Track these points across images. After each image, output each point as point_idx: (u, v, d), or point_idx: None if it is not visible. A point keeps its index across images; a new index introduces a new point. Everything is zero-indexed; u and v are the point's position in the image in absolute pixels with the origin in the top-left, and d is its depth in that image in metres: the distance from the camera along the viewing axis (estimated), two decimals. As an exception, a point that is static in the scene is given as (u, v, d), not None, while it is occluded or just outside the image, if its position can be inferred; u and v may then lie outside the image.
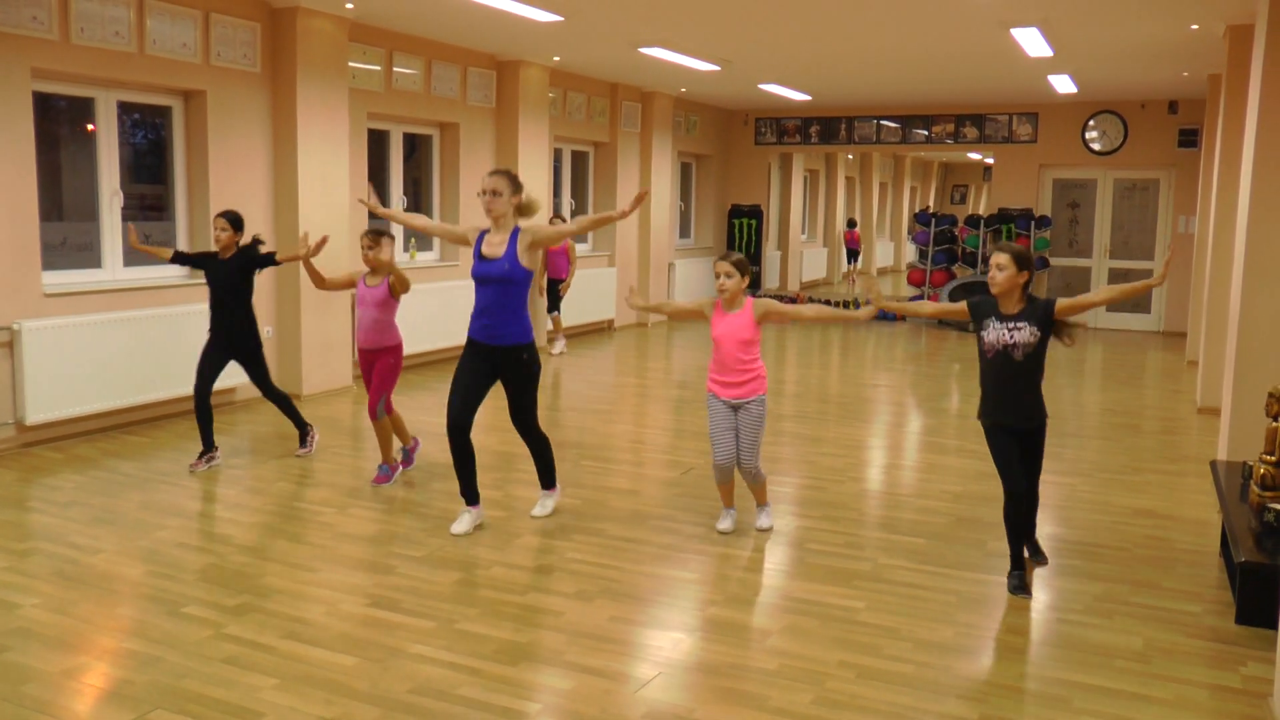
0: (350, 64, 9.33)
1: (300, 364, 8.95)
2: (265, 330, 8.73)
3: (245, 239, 6.70)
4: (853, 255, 24.05)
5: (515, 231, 5.32)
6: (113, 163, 7.83)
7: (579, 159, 13.76)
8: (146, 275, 8.06)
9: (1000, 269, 4.62)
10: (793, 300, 16.80)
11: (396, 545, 5.25)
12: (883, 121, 16.15)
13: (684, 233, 16.66)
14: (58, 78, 7.35)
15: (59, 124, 7.91)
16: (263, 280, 8.01)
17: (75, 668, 3.87)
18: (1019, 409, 4.69)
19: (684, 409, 9.01)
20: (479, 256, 5.37)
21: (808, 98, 14.89)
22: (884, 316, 15.99)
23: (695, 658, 3.96)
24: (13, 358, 6.97)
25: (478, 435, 5.72)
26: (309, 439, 7.09)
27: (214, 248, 6.75)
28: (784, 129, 16.83)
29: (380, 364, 6.38)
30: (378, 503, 5.97)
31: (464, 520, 5.45)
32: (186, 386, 7.03)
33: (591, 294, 13.37)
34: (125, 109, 8.01)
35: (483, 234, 5.47)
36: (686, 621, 4.34)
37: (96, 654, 4.00)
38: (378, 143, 10.29)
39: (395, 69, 10.00)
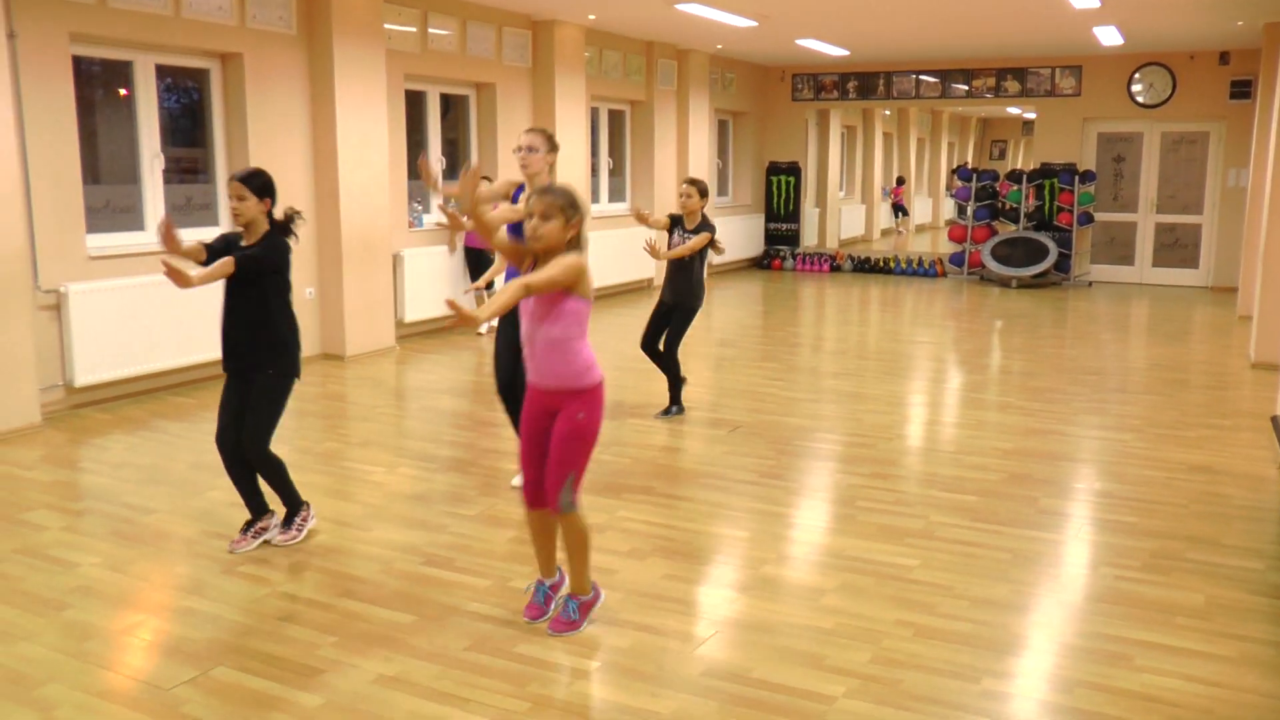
0: (386, 25, 9.27)
1: (343, 326, 8.97)
2: (306, 292, 8.76)
3: (279, 212, 4.62)
4: (899, 210, 23.92)
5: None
6: (152, 126, 7.84)
7: (616, 117, 13.65)
8: (190, 237, 8.06)
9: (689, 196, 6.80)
10: (832, 259, 16.68)
11: (447, 504, 5.27)
12: (921, 76, 15.90)
13: (722, 190, 16.54)
14: (96, 41, 7.36)
15: (96, 88, 7.92)
16: (302, 241, 8.02)
17: (135, 625, 3.92)
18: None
19: (724, 366, 8.98)
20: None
21: (845, 53, 14.69)
22: (925, 273, 15.84)
23: (750, 616, 3.95)
24: (60, 321, 7.04)
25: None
26: (300, 519, 4.83)
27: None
28: (821, 85, 16.62)
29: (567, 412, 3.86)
30: (426, 461, 5.99)
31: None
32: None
33: (630, 253, 13.31)
34: (162, 72, 8.01)
35: (519, 190, 5.43)
36: (740, 579, 4.34)
37: (156, 611, 4.05)
38: (414, 104, 10.25)
39: (430, 30, 9.94)
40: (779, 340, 10.39)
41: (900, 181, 23.96)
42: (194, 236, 7.98)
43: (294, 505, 4.78)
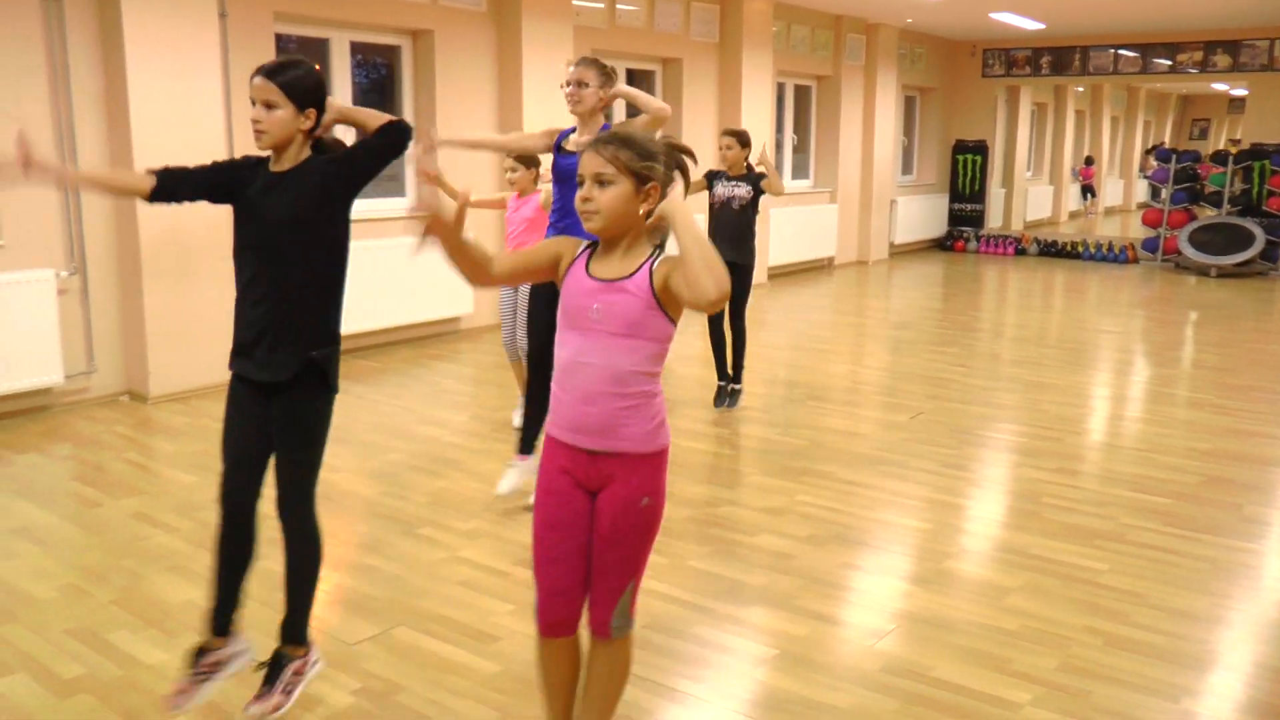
0: (575, 2, 9.36)
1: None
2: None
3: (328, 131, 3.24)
4: (1088, 192, 23.01)
5: (604, 129, 4.44)
6: (347, 100, 8.15)
7: (801, 93, 13.48)
8: (382, 207, 8.35)
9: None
10: (1017, 241, 16.13)
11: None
12: (1120, 51, 15.16)
13: (906, 169, 16.19)
14: (297, 19, 7.68)
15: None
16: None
17: (323, 578, 4.09)
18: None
19: (901, 349, 8.80)
20: (559, 150, 4.81)
21: (1041, 26, 14.12)
22: (1115, 258, 15.15)
23: (930, 611, 3.88)
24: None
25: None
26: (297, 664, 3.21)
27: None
28: (1012, 60, 16.03)
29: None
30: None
31: None
32: (413, 314, 7.57)
33: (810, 231, 13.18)
34: (354, 49, 8.29)
35: (565, 133, 4.88)
36: (920, 573, 4.25)
37: (342, 568, 4.23)
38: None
39: (618, 6, 9.99)
40: (959, 325, 10.12)
41: (1089, 162, 22.99)
42: (379, 209, 8.40)
43: (304, 630, 3.14)
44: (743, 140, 6.65)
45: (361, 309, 7.92)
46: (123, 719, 3.12)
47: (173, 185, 2.97)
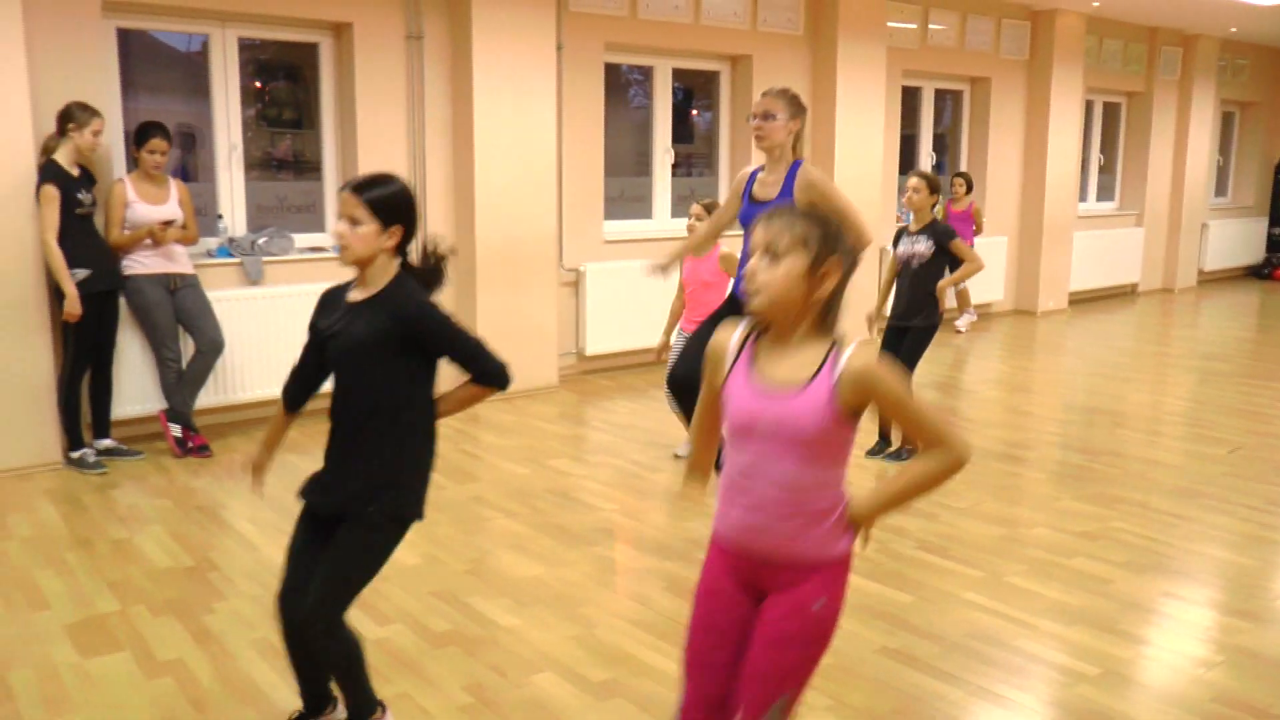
0: (889, 24, 9.49)
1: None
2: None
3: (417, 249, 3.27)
4: None
5: (795, 166, 4.45)
6: (666, 124, 8.60)
7: (1110, 111, 13.02)
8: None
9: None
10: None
11: (936, 494, 5.43)
12: None
13: (1220, 190, 15.29)
14: (625, 49, 8.19)
15: (612, 90, 8.78)
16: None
17: (652, 568, 4.44)
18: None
19: (1211, 381, 8.40)
20: (749, 198, 4.55)
21: (1390, 29, 13.03)
22: None
23: (1262, 648, 3.80)
24: (577, 296, 7.96)
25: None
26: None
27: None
28: (1350, 70, 14.85)
29: None
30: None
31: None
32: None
33: (1113, 256, 12.72)
34: (675, 75, 8.71)
35: (754, 174, 4.61)
36: (1248, 608, 4.15)
37: (669, 557, 4.53)
38: (909, 99, 10.41)
39: (930, 25, 10.04)
40: (1278, 359, 9.54)
41: None
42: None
43: (366, 707, 3.02)
44: (933, 186, 5.95)
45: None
46: (490, 670, 3.54)
47: (294, 392, 3.07)
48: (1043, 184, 11.33)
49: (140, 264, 5.81)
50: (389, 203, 2.79)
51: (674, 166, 8.74)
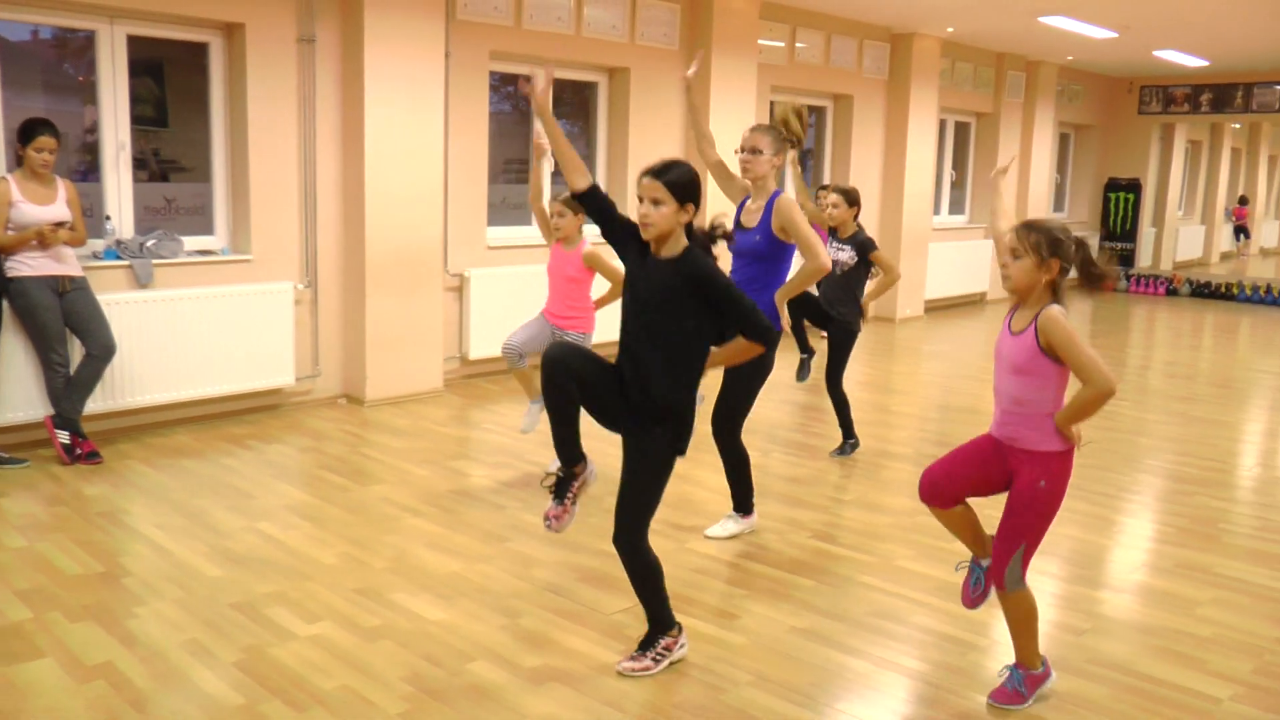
0: (760, 40, 9.87)
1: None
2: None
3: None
4: (1240, 232, 22.62)
5: (774, 197, 4.72)
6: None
7: (961, 129, 13.76)
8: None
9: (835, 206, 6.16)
10: (1169, 281, 16.05)
11: (824, 489, 5.78)
12: (1288, 89, 14.99)
13: (1058, 206, 16.28)
14: (510, 58, 8.31)
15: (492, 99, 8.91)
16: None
17: (567, 560, 4.62)
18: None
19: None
20: (737, 224, 4.87)
21: (1205, 63, 14.08)
22: (1273, 301, 15.00)
23: (1126, 616, 4.22)
24: (461, 301, 8.06)
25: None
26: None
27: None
28: (1171, 97, 16.00)
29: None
30: (796, 450, 6.52)
31: None
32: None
33: (966, 265, 13.43)
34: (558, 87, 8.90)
35: (742, 203, 4.93)
36: (1111, 583, 4.60)
37: (580, 552, 4.72)
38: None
39: (798, 44, 10.48)
40: (1115, 362, 10.28)
41: (1244, 202, 22.62)
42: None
43: (665, 623, 3.67)
44: (850, 199, 6.25)
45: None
46: (425, 661, 3.67)
47: (602, 196, 3.55)
48: (901, 197, 11.93)
49: (27, 265, 5.67)
50: (684, 184, 3.32)
51: (553, 174, 8.89)
